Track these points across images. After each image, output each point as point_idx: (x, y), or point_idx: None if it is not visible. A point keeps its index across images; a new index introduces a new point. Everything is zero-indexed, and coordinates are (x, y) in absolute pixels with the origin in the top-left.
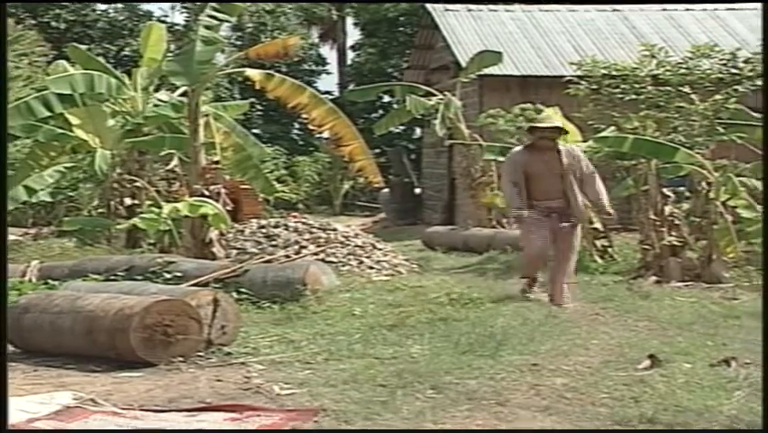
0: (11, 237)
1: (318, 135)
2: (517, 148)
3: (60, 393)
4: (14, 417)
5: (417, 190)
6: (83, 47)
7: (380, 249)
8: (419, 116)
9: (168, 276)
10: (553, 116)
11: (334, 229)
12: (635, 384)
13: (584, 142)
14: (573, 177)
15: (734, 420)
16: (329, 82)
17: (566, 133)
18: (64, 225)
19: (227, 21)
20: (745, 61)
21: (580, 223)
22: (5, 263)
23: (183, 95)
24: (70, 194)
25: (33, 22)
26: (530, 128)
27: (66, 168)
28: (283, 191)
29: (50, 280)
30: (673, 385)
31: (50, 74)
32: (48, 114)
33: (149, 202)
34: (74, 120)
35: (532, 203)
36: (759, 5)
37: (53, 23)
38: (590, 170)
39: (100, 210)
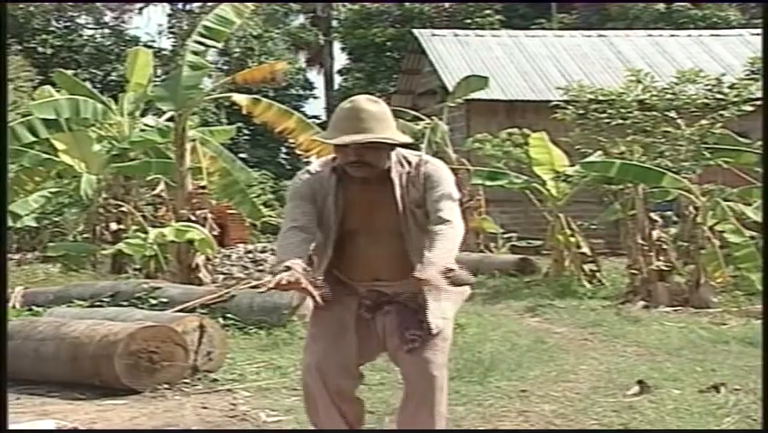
0: None
1: (305, 160)
2: (317, 165)
3: (43, 422)
4: None
5: None
6: (69, 72)
7: None
8: None
9: (153, 302)
10: (366, 119)
11: None
12: (623, 411)
13: (571, 166)
14: (416, 223)
15: None
16: (316, 106)
17: (405, 146)
18: (49, 250)
19: (214, 46)
20: (730, 87)
21: (440, 323)
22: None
23: (170, 120)
24: (55, 219)
25: (19, 47)
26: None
27: (51, 193)
28: (270, 216)
29: (34, 307)
30: (662, 411)
31: (35, 99)
32: (33, 139)
33: (135, 227)
34: (59, 145)
35: (338, 283)
36: (743, 32)
37: (40, 49)
38: (446, 196)
39: (85, 235)
